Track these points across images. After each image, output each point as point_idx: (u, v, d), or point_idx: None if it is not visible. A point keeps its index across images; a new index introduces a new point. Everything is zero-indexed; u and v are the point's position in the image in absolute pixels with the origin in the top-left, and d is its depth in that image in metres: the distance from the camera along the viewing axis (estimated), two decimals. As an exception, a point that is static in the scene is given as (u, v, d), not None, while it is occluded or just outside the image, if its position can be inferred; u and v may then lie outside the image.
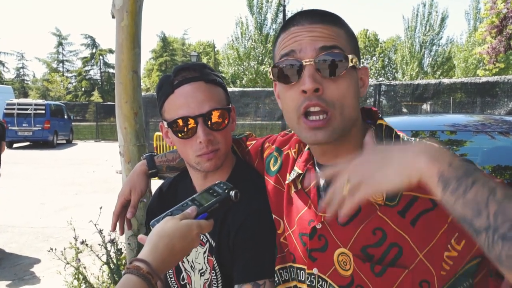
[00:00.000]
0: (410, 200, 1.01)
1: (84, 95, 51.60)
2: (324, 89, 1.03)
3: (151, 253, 1.02)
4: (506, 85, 11.66)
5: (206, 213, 1.13)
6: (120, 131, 3.46)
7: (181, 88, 1.37)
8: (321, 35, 1.05)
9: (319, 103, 1.03)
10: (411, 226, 1.01)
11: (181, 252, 1.07)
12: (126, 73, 3.38)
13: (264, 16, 33.41)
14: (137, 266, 0.99)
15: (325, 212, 1.13)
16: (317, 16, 1.08)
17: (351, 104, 1.06)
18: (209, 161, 1.39)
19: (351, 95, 1.06)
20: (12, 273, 5.37)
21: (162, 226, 1.07)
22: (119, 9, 3.38)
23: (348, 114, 1.06)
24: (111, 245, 3.49)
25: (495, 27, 14.51)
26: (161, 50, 53.29)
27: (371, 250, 1.06)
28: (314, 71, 1.03)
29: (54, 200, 9.37)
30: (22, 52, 56.09)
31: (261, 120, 15.85)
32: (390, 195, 1.03)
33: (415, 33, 39.47)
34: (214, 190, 1.18)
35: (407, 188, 0.91)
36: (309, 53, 1.04)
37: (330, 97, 1.04)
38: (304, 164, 1.26)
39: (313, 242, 1.17)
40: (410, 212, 1.01)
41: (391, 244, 1.03)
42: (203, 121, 1.35)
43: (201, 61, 33.30)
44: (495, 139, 2.88)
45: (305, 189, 1.25)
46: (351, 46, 1.09)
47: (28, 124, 20.97)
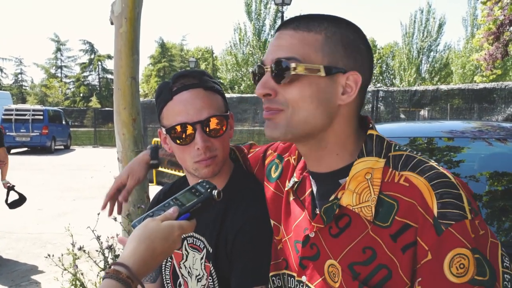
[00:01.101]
0: (403, 226, 1.00)
1: (82, 101, 51.65)
2: (278, 94, 1.09)
3: (131, 256, 1.00)
4: (504, 92, 11.69)
5: (189, 213, 1.11)
6: (119, 137, 3.47)
7: (180, 94, 1.38)
8: (283, 43, 1.10)
9: (269, 106, 1.10)
10: (401, 253, 0.99)
11: (162, 254, 1.04)
12: (125, 80, 3.39)
13: (262, 22, 33.51)
14: (117, 270, 0.97)
15: (317, 221, 1.13)
16: (294, 22, 1.12)
17: (306, 108, 1.07)
18: (207, 167, 1.39)
19: (307, 100, 1.07)
20: (9, 279, 5.34)
21: (142, 228, 1.05)
22: (118, 15, 3.40)
23: (303, 116, 1.07)
24: (109, 251, 3.48)
25: (492, 34, 14.56)
26: (159, 56, 53.43)
27: (358, 268, 1.05)
28: (268, 78, 1.10)
29: (51, 206, 9.35)
30: (21, 58, 56.43)
31: (259, 126, 15.83)
32: (381, 213, 1.03)
33: (413, 39, 39.60)
34: (196, 190, 1.15)
35: (400, 215, 0.98)
36: (268, 61, 1.11)
37: (283, 98, 1.09)
38: (300, 172, 1.27)
39: (305, 250, 1.17)
40: (402, 238, 1.00)
41: (380, 265, 1.02)
42: (201, 127, 1.36)
43: (199, 68, 33.27)
44: (493, 145, 2.89)
45: (301, 197, 1.25)
46: (326, 51, 1.08)
47: (26, 129, 20.94)
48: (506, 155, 2.90)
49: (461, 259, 0.93)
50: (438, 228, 0.94)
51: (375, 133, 1.13)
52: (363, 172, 1.08)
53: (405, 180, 1.03)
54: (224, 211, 1.42)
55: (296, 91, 1.07)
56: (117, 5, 3.42)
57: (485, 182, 2.68)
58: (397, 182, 1.03)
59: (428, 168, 1.02)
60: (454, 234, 0.93)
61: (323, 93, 1.07)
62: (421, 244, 0.96)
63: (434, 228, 0.95)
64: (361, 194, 1.06)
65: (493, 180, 2.74)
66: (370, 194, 1.05)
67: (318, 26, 1.10)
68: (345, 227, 1.09)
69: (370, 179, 1.06)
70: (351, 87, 1.09)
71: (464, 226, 0.94)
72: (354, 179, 1.08)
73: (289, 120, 1.08)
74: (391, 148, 1.11)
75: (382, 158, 1.08)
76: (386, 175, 1.06)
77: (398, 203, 1.01)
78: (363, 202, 1.05)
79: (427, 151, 2.84)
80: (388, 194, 1.03)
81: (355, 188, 1.07)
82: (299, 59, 1.06)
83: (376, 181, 1.06)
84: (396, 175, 1.04)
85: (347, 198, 1.07)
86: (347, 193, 1.08)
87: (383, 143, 1.12)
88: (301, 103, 1.07)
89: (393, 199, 1.02)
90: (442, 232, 0.94)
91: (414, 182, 1.01)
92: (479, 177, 2.73)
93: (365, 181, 1.07)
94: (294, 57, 1.06)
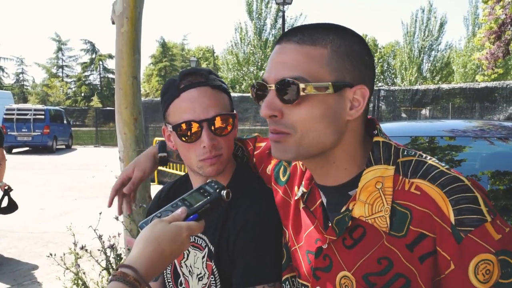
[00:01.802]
0: (419, 236, 0.98)
1: (84, 100, 51.70)
2: (284, 114, 1.04)
3: (139, 258, 0.98)
4: (505, 91, 11.68)
5: (197, 214, 1.09)
6: (120, 136, 3.47)
7: (187, 92, 1.38)
8: (287, 59, 1.04)
9: (276, 128, 1.05)
10: (419, 262, 0.98)
11: (171, 256, 1.03)
12: (126, 79, 3.40)
13: (263, 22, 33.49)
14: (124, 272, 0.95)
15: (330, 234, 1.11)
16: (298, 34, 1.06)
17: (316, 129, 1.03)
18: (211, 166, 1.40)
19: (315, 121, 1.03)
20: (11, 278, 5.36)
21: (150, 229, 1.03)
22: (119, 15, 3.40)
23: (312, 138, 1.04)
24: (111, 251, 3.48)
25: (494, 33, 14.55)
26: (160, 56, 53.43)
27: (373, 279, 1.03)
28: (274, 97, 1.04)
29: (53, 205, 9.37)
30: (22, 58, 56.59)
31: (261, 125, 15.84)
32: (395, 223, 1.01)
33: (414, 38, 39.57)
34: (205, 190, 1.13)
35: (414, 224, 0.96)
36: (272, 79, 1.05)
37: (290, 121, 1.04)
38: (308, 182, 1.24)
39: (318, 261, 1.15)
40: (419, 248, 0.98)
41: (398, 275, 1.00)
42: (208, 126, 1.36)
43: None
44: (494, 144, 2.89)
45: (311, 207, 1.23)
46: (333, 66, 1.03)
47: (28, 129, 20.96)
48: (507, 154, 2.90)
49: (486, 265, 0.91)
50: (458, 236, 0.92)
51: (381, 140, 1.09)
52: (373, 182, 1.04)
53: (416, 188, 1.00)
54: (226, 209, 1.42)
55: (304, 112, 1.02)
56: (118, 5, 3.42)
57: (486, 181, 2.68)
58: (407, 190, 1.01)
59: (439, 174, 0.99)
60: (475, 240, 0.91)
61: (332, 111, 1.03)
62: (442, 254, 0.94)
63: (453, 236, 0.93)
64: (373, 205, 1.03)
65: (495, 179, 2.74)
66: (382, 204, 1.02)
67: (323, 39, 1.04)
68: (360, 238, 1.06)
69: (381, 188, 1.03)
70: (358, 101, 1.05)
71: (484, 230, 0.92)
72: (364, 189, 1.05)
73: (299, 143, 1.04)
74: (399, 153, 1.07)
75: (391, 166, 1.05)
76: (396, 183, 1.03)
77: (411, 213, 0.98)
78: (376, 213, 1.03)
79: (428, 150, 2.84)
80: (400, 203, 1.01)
81: (367, 199, 1.04)
82: (307, 78, 1.01)
83: (387, 190, 1.02)
84: (407, 183, 1.01)
85: (359, 210, 1.05)
86: (358, 204, 1.05)
87: (390, 149, 1.08)
88: (311, 124, 1.03)
89: (405, 208, 1.00)
90: (462, 240, 0.92)
91: (426, 190, 0.98)
92: (480, 176, 2.73)
93: (376, 191, 1.03)
94: (301, 76, 1.01)
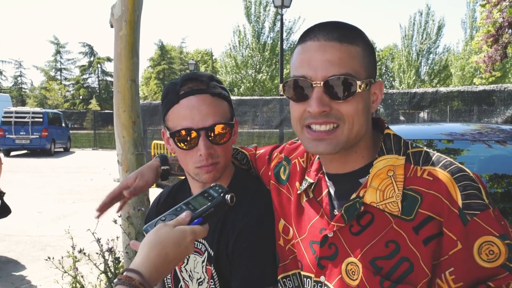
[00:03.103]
0: (425, 218, 1.04)
1: (82, 103, 51.64)
2: (332, 109, 1.09)
3: (144, 262, 0.99)
4: (503, 94, 11.69)
5: (201, 218, 1.09)
6: (118, 139, 3.47)
7: (187, 99, 1.38)
8: (333, 58, 1.07)
9: (326, 120, 1.09)
10: (423, 245, 1.03)
11: (175, 260, 1.03)
12: (125, 82, 3.40)
13: (261, 25, 33.45)
14: (129, 277, 0.96)
15: (338, 221, 1.15)
16: (334, 32, 1.09)
17: (360, 121, 1.11)
18: (208, 173, 1.40)
19: (360, 114, 1.10)
20: (9, 282, 5.34)
21: (154, 233, 1.03)
22: (118, 18, 3.40)
23: (356, 130, 1.11)
24: (109, 254, 3.48)
25: (491, 36, 14.56)
26: (159, 59, 53.46)
27: (380, 262, 1.07)
28: (322, 93, 1.08)
29: (51, 208, 9.34)
30: (20, 60, 56.25)
31: (259, 128, 15.84)
32: (405, 207, 1.06)
33: (412, 41, 39.59)
34: (209, 194, 1.14)
35: (424, 207, 1.02)
36: (319, 76, 1.07)
37: (339, 113, 1.09)
38: (316, 173, 1.28)
39: (324, 250, 1.18)
40: (424, 230, 1.03)
41: (403, 258, 1.05)
42: (205, 134, 1.36)
43: (198, 70, 33.15)
44: (492, 147, 2.89)
45: (317, 198, 1.26)
46: (365, 64, 1.11)
47: (26, 132, 20.94)
48: (505, 157, 2.90)
49: (489, 246, 0.98)
50: (464, 219, 1.00)
51: (392, 132, 1.18)
52: (385, 170, 1.11)
53: (428, 174, 1.07)
54: (225, 214, 1.41)
55: (352, 107, 1.09)
56: (117, 8, 3.43)
57: (484, 184, 2.68)
58: (420, 176, 1.07)
59: (449, 163, 1.08)
60: (480, 223, 0.99)
61: (368, 105, 1.13)
62: (449, 235, 1.01)
63: (460, 219, 1.00)
64: (385, 191, 1.09)
65: (493, 182, 2.75)
66: (394, 190, 1.08)
67: (357, 37, 1.12)
68: (367, 224, 1.11)
69: (392, 175, 1.10)
70: (377, 95, 1.16)
71: (489, 215, 1.00)
72: (376, 176, 1.11)
73: (348, 135, 1.10)
74: (408, 145, 1.16)
75: (401, 156, 1.12)
76: (408, 171, 1.10)
77: (422, 197, 1.05)
78: (387, 199, 1.08)
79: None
80: (412, 188, 1.07)
81: (379, 185, 1.10)
82: (354, 76, 1.07)
83: (399, 177, 1.09)
84: (419, 170, 1.09)
85: (371, 196, 1.10)
86: (370, 190, 1.11)
87: (400, 142, 1.16)
88: (356, 118, 1.10)
89: (417, 193, 1.06)
90: (468, 222, 0.99)
91: (438, 176, 1.05)
92: (478, 179, 2.73)
93: (388, 178, 1.10)
94: (350, 73, 1.07)
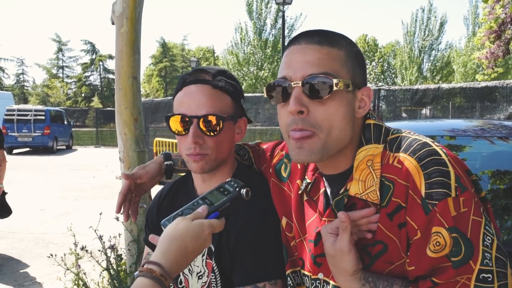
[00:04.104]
0: (397, 206, 1.05)
1: (84, 101, 51.68)
2: (310, 111, 1.09)
3: (164, 255, 1.02)
4: (505, 90, 11.66)
5: (217, 212, 1.12)
6: (120, 137, 3.47)
7: (189, 87, 1.42)
8: (312, 58, 1.10)
9: (303, 126, 1.09)
10: (398, 229, 1.05)
11: (194, 253, 1.07)
12: (126, 79, 3.39)
13: (263, 22, 33.44)
14: (150, 269, 1.00)
15: (328, 216, 1.16)
16: (315, 36, 1.13)
17: (339, 125, 1.09)
18: (195, 162, 1.42)
19: (339, 117, 1.09)
20: (12, 279, 5.36)
21: (173, 227, 1.06)
22: (119, 15, 3.40)
23: (335, 136, 1.10)
24: (111, 251, 3.48)
25: (494, 32, 14.51)
26: (160, 56, 53.42)
27: (370, 248, 1.10)
28: (300, 93, 1.09)
29: (54, 206, 9.36)
30: (22, 58, 56.51)
31: (261, 125, 15.85)
32: (383, 195, 1.07)
33: (414, 38, 39.51)
34: (225, 189, 1.16)
35: (395, 195, 1.03)
36: (298, 76, 1.10)
37: (315, 119, 1.09)
38: (312, 173, 1.29)
39: (318, 248, 1.20)
40: (397, 217, 1.05)
41: (376, 242, 1.08)
42: (197, 122, 1.38)
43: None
44: (495, 144, 2.89)
45: (314, 197, 1.27)
46: (348, 67, 1.11)
47: (28, 130, 20.97)
48: (508, 154, 2.89)
49: (437, 237, 0.98)
50: (426, 208, 0.99)
51: (372, 122, 1.17)
52: (365, 160, 1.12)
53: (398, 161, 1.06)
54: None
55: (331, 110, 1.09)
56: (118, 5, 3.42)
57: (487, 180, 2.68)
58: (391, 164, 1.07)
59: (420, 147, 1.05)
60: (436, 213, 0.98)
61: (351, 109, 1.12)
62: (411, 224, 1.02)
63: (422, 208, 1.00)
64: (366, 181, 1.10)
65: (495, 178, 2.74)
66: (373, 179, 1.09)
67: (339, 42, 1.13)
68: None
69: (371, 165, 1.10)
70: (365, 101, 1.15)
71: (445, 205, 0.98)
72: (357, 168, 1.12)
73: (325, 143, 1.10)
74: (389, 133, 1.15)
75: (381, 144, 1.12)
76: (384, 158, 1.10)
77: (393, 185, 1.05)
78: (368, 188, 1.09)
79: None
80: (385, 176, 1.07)
81: (360, 176, 1.11)
82: (333, 75, 1.08)
83: (376, 165, 1.10)
84: (391, 157, 1.09)
85: (354, 187, 1.11)
86: (353, 182, 1.12)
87: (381, 130, 1.16)
88: (336, 121, 1.09)
89: (389, 181, 1.06)
90: (429, 212, 0.99)
91: (405, 163, 1.05)
92: (481, 175, 2.73)
93: (367, 168, 1.11)
94: (329, 72, 1.08)
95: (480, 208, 1.02)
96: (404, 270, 1.05)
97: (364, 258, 1.10)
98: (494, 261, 0.98)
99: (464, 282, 0.97)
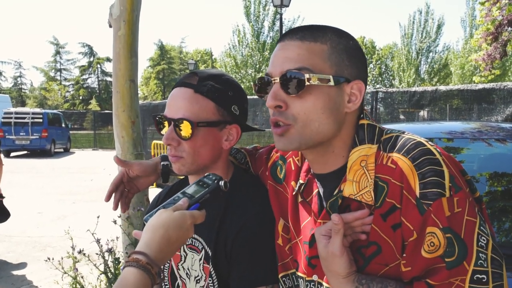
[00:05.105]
0: (391, 207, 1.04)
1: (82, 104, 51.60)
2: (289, 106, 1.11)
3: (147, 245, 1.04)
4: (503, 92, 11.68)
5: (198, 204, 1.15)
6: (118, 140, 3.47)
7: (175, 89, 1.45)
8: (291, 54, 1.11)
9: (280, 119, 1.12)
10: (392, 230, 1.04)
11: (177, 242, 1.08)
12: (123, 82, 3.39)
13: (261, 24, 33.44)
14: (136, 258, 1.01)
15: (323, 218, 1.16)
16: (299, 32, 1.14)
17: (317, 119, 1.10)
18: (174, 163, 1.44)
19: (318, 111, 1.10)
20: (9, 282, 5.34)
21: (156, 218, 1.09)
22: (116, 18, 3.40)
23: (314, 128, 1.11)
24: (109, 254, 3.48)
25: (491, 34, 14.54)
26: (158, 58, 53.39)
27: (364, 250, 1.10)
28: (278, 89, 1.11)
29: (51, 209, 9.34)
30: (20, 61, 56.02)
31: (259, 127, 15.85)
32: (377, 196, 1.07)
33: (412, 40, 39.56)
34: (203, 182, 1.20)
35: (389, 196, 1.03)
36: (277, 72, 1.12)
37: (292, 113, 1.11)
38: (305, 174, 1.29)
39: (313, 249, 1.19)
40: (391, 218, 1.04)
41: (370, 243, 1.08)
42: (173, 125, 1.40)
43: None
44: (492, 146, 2.89)
45: (307, 198, 1.27)
46: (332, 61, 1.11)
47: (26, 132, 20.93)
48: (505, 156, 2.90)
49: (431, 237, 0.98)
50: (421, 209, 0.99)
51: (366, 122, 1.17)
52: (359, 161, 1.11)
53: (392, 162, 1.06)
54: (223, 212, 1.42)
55: (309, 103, 1.09)
56: (115, 8, 3.42)
57: (484, 182, 2.68)
58: (385, 164, 1.07)
59: (414, 146, 1.05)
60: (430, 213, 0.98)
61: (332, 103, 1.11)
62: (406, 225, 1.01)
63: (417, 209, 1.00)
64: (360, 182, 1.09)
65: (493, 180, 2.74)
66: (367, 179, 1.08)
67: (323, 36, 1.13)
68: None
69: (365, 166, 1.10)
70: (355, 95, 1.14)
71: (439, 205, 0.98)
72: (351, 169, 1.12)
73: (301, 133, 1.11)
74: (382, 133, 1.14)
75: (374, 144, 1.12)
76: (377, 158, 1.09)
77: (387, 185, 1.05)
78: (363, 189, 1.09)
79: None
80: (379, 176, 1.07)
81: (354, 177, 1.11)
82: (311, 69, 1.08)
83: (370, 166, 1.09)
84: (385, 157, 1.08)
85: (349, 189, 1.11)
86: (347, 184, 1.12)
87: (374, 130, 1.15)
88: (313, 114, 1.10)
89: (383, 182, 1.06)
90: (424, 212, 0.99)
91: (399, 163, 1.04)
92: (478, 177, 2.73)
93: (361, 169, 1.10)
94: (305, 67, 1.09)
95: (475, 208, 1.01)
96: (399, 272, 1.05)
97: (358, 260, 1.10)
98: (489, 262, 0.97)
99: (459, 284, 0.96)
